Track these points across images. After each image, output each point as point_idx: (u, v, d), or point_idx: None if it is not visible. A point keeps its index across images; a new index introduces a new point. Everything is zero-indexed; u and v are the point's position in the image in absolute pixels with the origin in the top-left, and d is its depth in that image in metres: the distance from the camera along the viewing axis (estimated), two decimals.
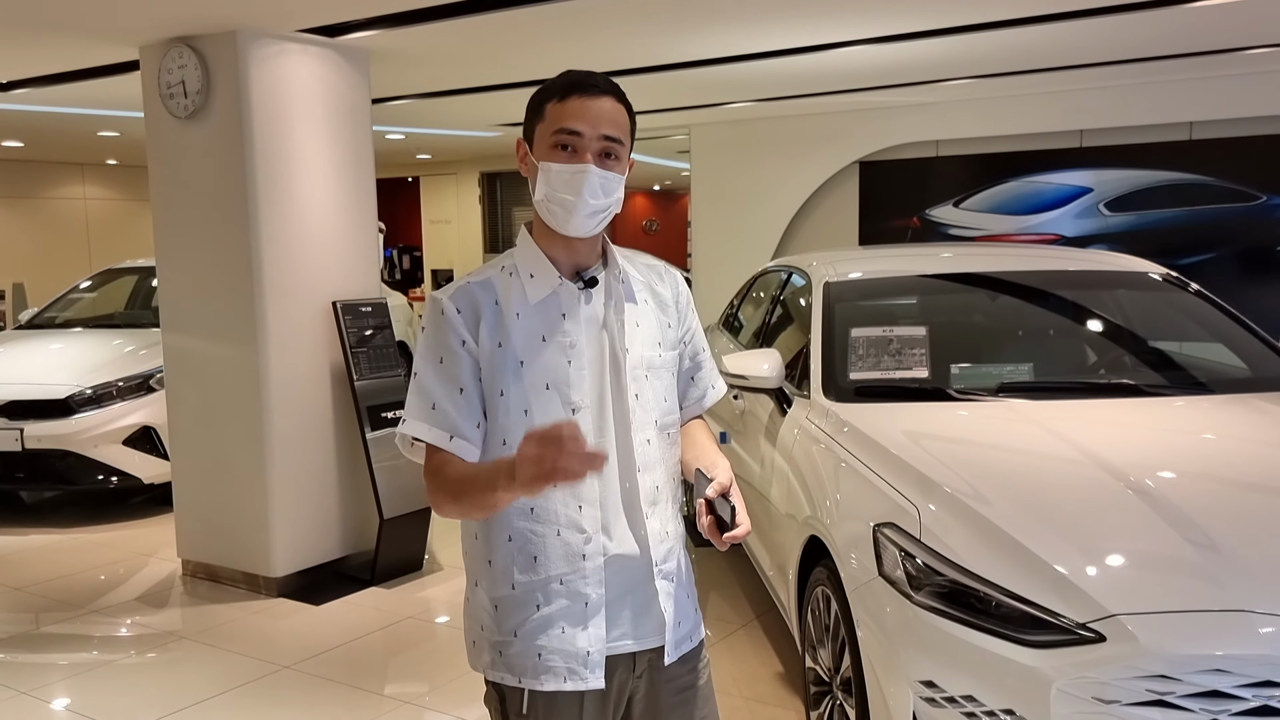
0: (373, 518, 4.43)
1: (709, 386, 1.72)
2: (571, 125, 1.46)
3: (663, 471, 1.56)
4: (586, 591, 1.50)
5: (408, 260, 12.63)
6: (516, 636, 1.52)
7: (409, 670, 3.58)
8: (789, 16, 4.25)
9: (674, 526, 1.59)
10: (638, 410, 1.53)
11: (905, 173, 7.34)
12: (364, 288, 4.58)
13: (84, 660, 3.70)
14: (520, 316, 1.50)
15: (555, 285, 1.52)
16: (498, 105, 6.79)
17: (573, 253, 1.54)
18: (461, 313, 1.50)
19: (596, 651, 1.50)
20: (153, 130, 4.44)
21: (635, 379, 1.53)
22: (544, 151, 1.48)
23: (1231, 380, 3.17)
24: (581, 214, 1.47)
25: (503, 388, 1.49)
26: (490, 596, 1.55)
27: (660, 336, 1.59)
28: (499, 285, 1.53)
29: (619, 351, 1.53)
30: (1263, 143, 6.21)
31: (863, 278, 3.63)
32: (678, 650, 1.58)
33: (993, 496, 2.30)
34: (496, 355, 1.49)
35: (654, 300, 1.61)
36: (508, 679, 1.54)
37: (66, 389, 5.38)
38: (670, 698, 1.59)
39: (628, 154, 1.52)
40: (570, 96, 1.47)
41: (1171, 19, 4.42)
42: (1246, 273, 6.33)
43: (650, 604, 1.54)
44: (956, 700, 2.07)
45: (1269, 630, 1.90)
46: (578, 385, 1.50)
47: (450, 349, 1.50)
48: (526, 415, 1.49)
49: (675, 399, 1.63)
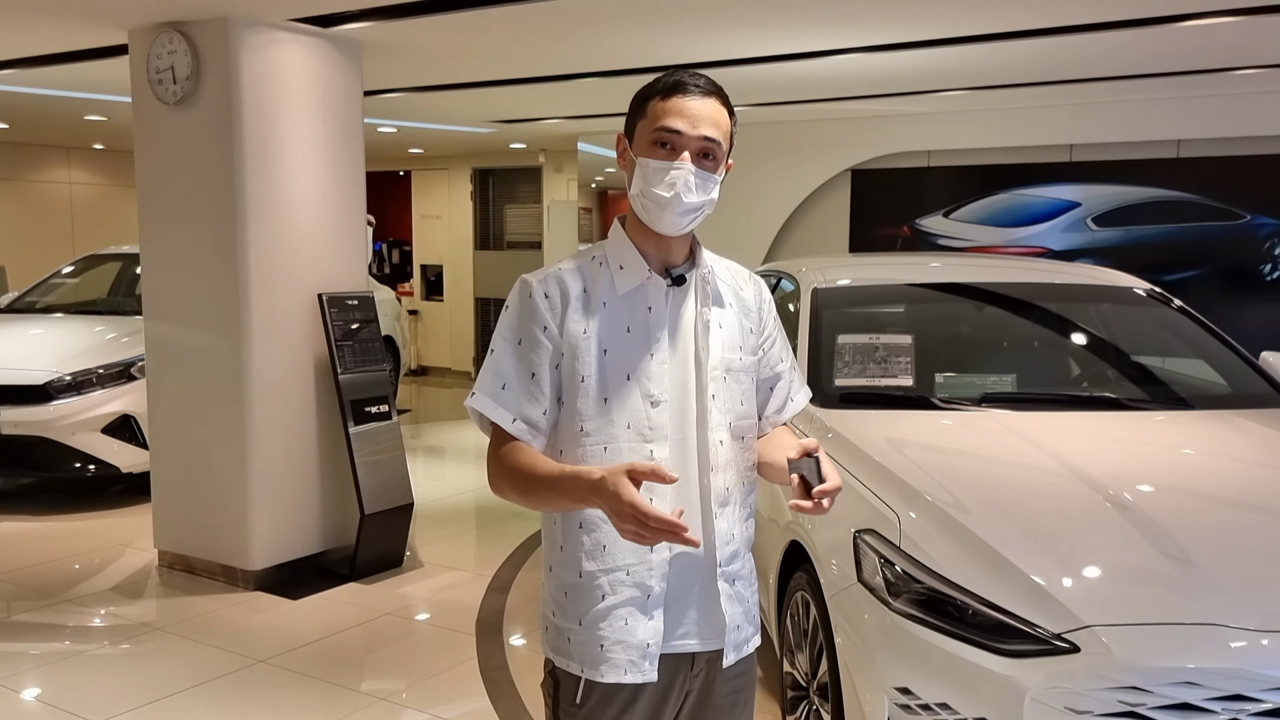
0: (353, 512, 4.40)
1: (788, 398, 1.70)
2: (671, 124, 1.48)
3: (734, 474, 1.57)
4: (651, 584, 1.51)
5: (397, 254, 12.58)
6: (582, 625, 1.53)
7: (386, 667, 3.56)
8: (784, 23, 4.26)
9: (741, 530, 1.60)
10: (713, 411, 1.54)
11: (896, 182, 7.37)
12: (351, 281, 4.55)
13: (56, 650, 3.66)
14: (607, 306, 1.52)
15: (644, 278, 1.54)
16: (492, 101, 6.76)
17: (663, 249, 1.55)
18: (549, 298, 1.51)
19: (655, 645, 1.51)
20: (140, 116, 4.40)
21: (714, 379, 1.54)
22: (643, 148, 1.50)
23: (1211, 396, 3.20)
24: (675, 211, 1.49)
25: (584, 374, 1.51)
26: (561, 583, 1.56)
27: (741, 341, 1.60)
28: (588, 274, 1.55)
29: (700, 351, 1.54)
30: (1249, 162, 6.27)
31: (851, 285, 3.64)
32: (737, 653, 1.59)
33: (973, 506, 2.31)
34: (581, 342, 1.51)
35: (738, 304, 1.62)
36: (571, 666, 1.55)
37: (45, 375, 5.32)
38: (722, 699, 1.61)
39: (726, 155, 1.54)
40: (673, 95, 1.49)
41: (1161, 37, 4.46)
42: (1229, 290, 6.39)
43: (712, 605, 1.55)
44: (931, 708, 2.08)
45: (1240, 644, 1.92)
46: (658, 379, 1.51)
47: (531, 333, 1.51)
48: (606, 403, 1.50)
49: (752, 405, 1.62)
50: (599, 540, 1.52)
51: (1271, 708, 1.89)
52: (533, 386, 1.51)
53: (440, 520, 5.42)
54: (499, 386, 1.52)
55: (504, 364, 1.52)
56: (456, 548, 4.99)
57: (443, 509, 5.64)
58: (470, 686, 3.37)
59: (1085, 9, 3.99)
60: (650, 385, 1.51)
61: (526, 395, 1.51)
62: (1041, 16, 4.11)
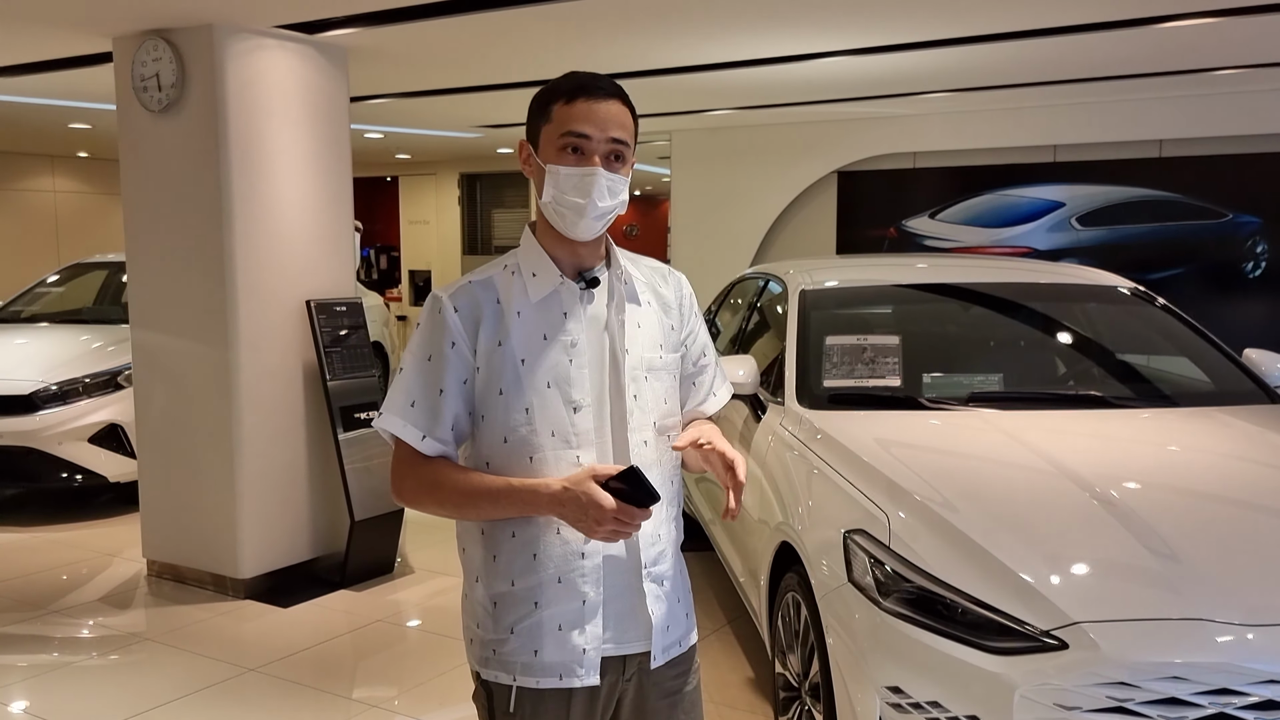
0: (343, 519, 4.39)
1: (710, 392, 1.69)
2: (580, 128, 1.47)
3: (659, 474, 1.55)
4: (585, 590, 1.50)
5: (385, 260, 12.56)
6: (513, 634, 1.52)
7: (378, 674, 3.55)
8: (769, 26, 4.28)
9: (668, 530, 1.58)
10: (636, 411, 1.53)
11: (882, 183, 7.41)
12: (339, 287, 4.54)
13: (44, 662, 3.63)
14: (521, 315, 1.51)
15: (556, 284, 1.53)
16: (478, 106, 6.77)
17: (576, 253, 1.54)
18: (459, 312, 1.51)
19: (593, 650, 1.51)
20: (125, 123, 4.38)
21: (634, 379, 1.54)
22: (551, 154, 1.49)
23: (1195, 394, 3.23)
24: (590, 216, 1.48)
25: (501, 387, 1.50)
26: (489, 593, 1.55)
27: (662, 339, 1.59)
28: (500, 284, 1.53)
29: (619, 351, 1.53)
30: (1230, 161, 6.33)
31: (838, 286, 3.66)
32: (665, 655, 1.58)
33: (961, 505, 2.33)
34: (495, 354, 1.50)
35: (657, 302, 1.62)
36: (501, 677, 1.54)
37: (31, 385, 5.28)
38: (657, 701, 1.59)
39: (632, 155, 1.54)
40: (577, 99, 1.48)
41: (1143, 39, 4.50)
42: (1213, 288, 6.45)
43: (638, 607, 1.54)
44: (922, 706, 2.09)
45: (1226, 639, 1.94)
46: (579, 384, 1.51)
47: (440, 349, 1.50)
48: (528, 413, 1.49)
49: (676, 402, 1.62)
50: (530, 549, 1.51)
51: (1258, 701, 1.91)
52: (439, 403, 1.50)
53: (430, 526, 5.40)
54: (408, 404, 1.51)
55: (412, 381, 1.52)
56: (447, 553, 4.98)
57: (433, 515, 5.62)
58: (462, 693, 3.36)
59: (1067, 11, 4.02)
60: (571, 391, 1.50)
61: (433, 412, 1.50)
62: (1024, 18, 4.15)
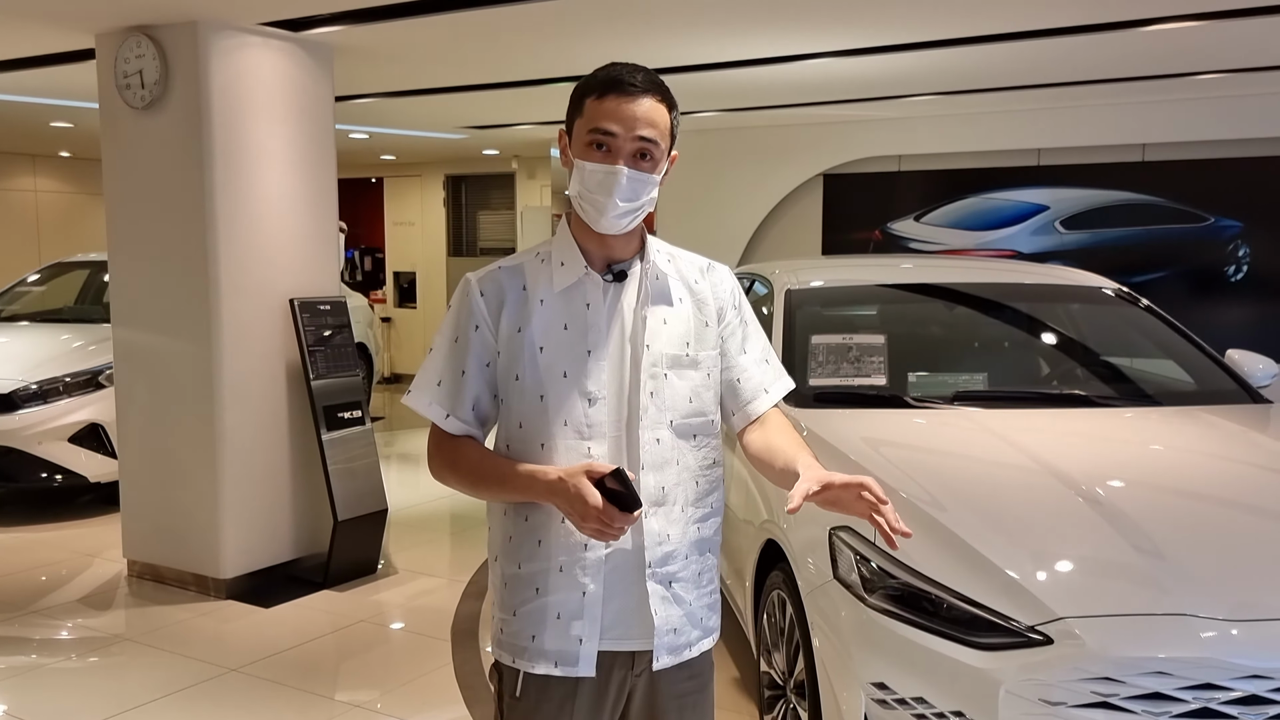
0: (326, 520, 4.35)
1: (760, 390, 1.63)
2: (606, 125, 1.45)
3: (674, 473, 1.52)
4: (584, 581, 1.50)
5: (370, 262, 12.50)
6: (515, 615, 1.54)
7: (361, 675, 3.52)
8: (755, 27, 4.28)
9: (683, 531, 1.54)
10: (650, 408, 1.51)
11: (868, 186, 7.44)
12: (323, 286, 4.51)
13: (22, 663, 3.58)
14: (545, 303, 1.52)
15: (581, 274, 1.52)
16: (464, 107, 6.74)
17: (606, 245, 1.54)
18: (484, 296, 1.52)
19: (590, 642, 1.50)
20: (108, 121, 4.34)
21: (653, 376, 1.51)
22: (580, 148, 1.48)
23: (1178, 393, 3.25)
24: (611, 214, 1.48)
25: (518, 372, 1.51)
26: (503, 573, 1.57)
27: (692, 335, 1.56)
28: (529, 270, 1.54)
29: (639, 347, 1.52)
30: (1212, 165, 6.39)
31: (824, 286, 3.67)
32: (674, 657, 1.55)
33: (947, 502, 2.33)
34: (515, 340, 1.51)
35: (691, 298, 1.58)
36: (504, 658, 1.56)
37: (10, 383, 5.23)
38: (667, 702, 1.58)
39: (666, 152, 1.52)
40: (608, 95, 1.46)
41: (1126, 42, 4.54)
42: (1195, 292, 6.51)
43: (641, 605, 1.52)
44: (907, 702, 2.09)
45: (1210, 634, 1.95)
46: (595, 376, 1.50)
47: (465, 332, 1.53)
48: (543, 400, 1.50)
49: (710, 401, 1.58)
50: (537, 535, 1.52)
51: (1241, 696, 1.91)
52: (461, 384, 1.53)
53: (414, 527, 5.38)
54: (435, 383, 1.54)
55: (440, 361, 1.55)
56: (431, 554, 4.95)
57: (417, 515, 5.59)
58: (446, 693, 3.35)
59: (1051, 14, 4.05)
60: (588, 383, 1.49)
61: (456, 392, 1.53)
62: (1008, 21, 4.17)
